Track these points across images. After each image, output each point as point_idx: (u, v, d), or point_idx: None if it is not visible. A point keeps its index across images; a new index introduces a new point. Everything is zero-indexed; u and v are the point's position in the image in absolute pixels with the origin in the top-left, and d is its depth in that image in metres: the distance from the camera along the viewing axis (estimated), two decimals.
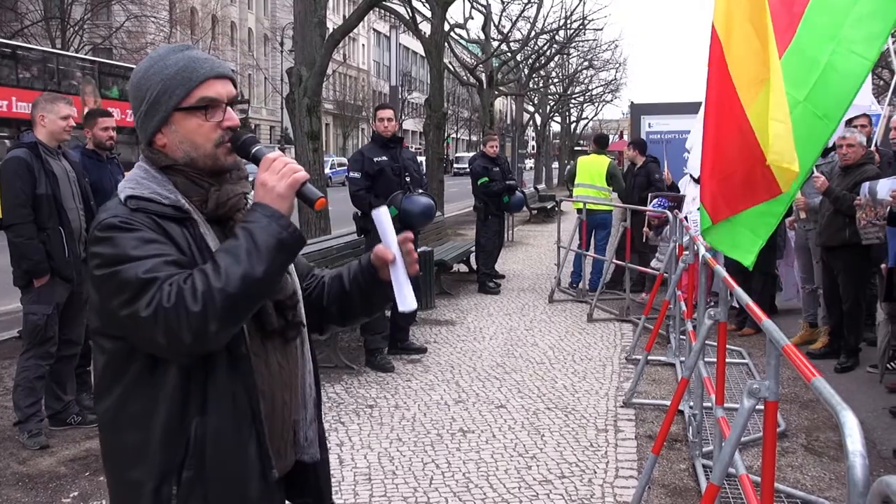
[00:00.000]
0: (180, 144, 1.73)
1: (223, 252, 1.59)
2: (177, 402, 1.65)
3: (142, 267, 1.56)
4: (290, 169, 1.67)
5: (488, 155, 10.28)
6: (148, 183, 1.71)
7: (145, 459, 1.66)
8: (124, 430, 1.68)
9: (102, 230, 1.61)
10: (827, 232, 6.33)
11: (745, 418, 2.66)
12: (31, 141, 4.66)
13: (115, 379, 1.68)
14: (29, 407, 4.68)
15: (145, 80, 1.72)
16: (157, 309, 1.52)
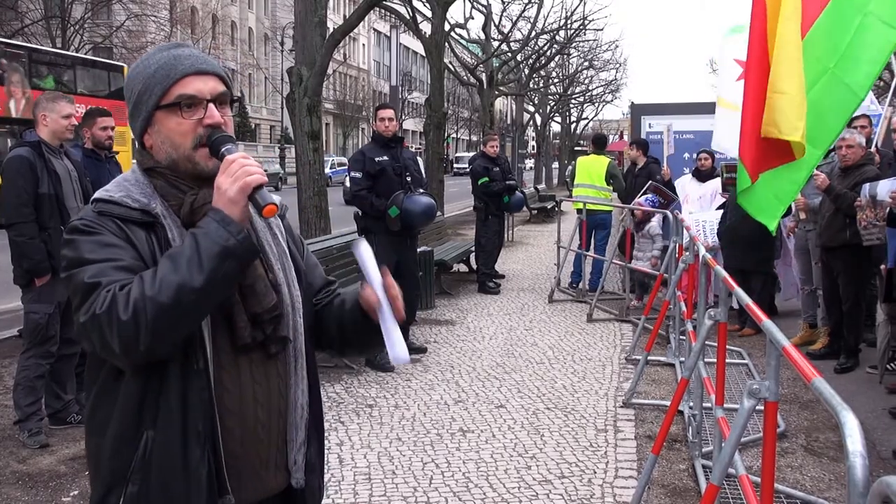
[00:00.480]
0: (162, 145, 1.68)
1: (165, 258, 1.53)
2: (130, 412, 1.58)
3: (89, 271, 1.52)
4: (245, 171, 1.57)
5: (488, 155, 10.28)
6: (126, 185, 1.67)
7: (98, 469, 1.64)
8: (93, 437, 1.66)
9: (68, 233, 1.61)
10: (827, 233, 6.33)
11: (745, 419, 2.66)
12: (34, 140, 4.66)
13: (90, 385, 1.67)
14: (29, 406, 4.68)
15: (131, 80, 1.70)
16: (92, 315, 1.48)
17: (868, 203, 5.68)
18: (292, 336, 1.75)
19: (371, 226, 6.60)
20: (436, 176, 14.53)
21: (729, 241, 7.53)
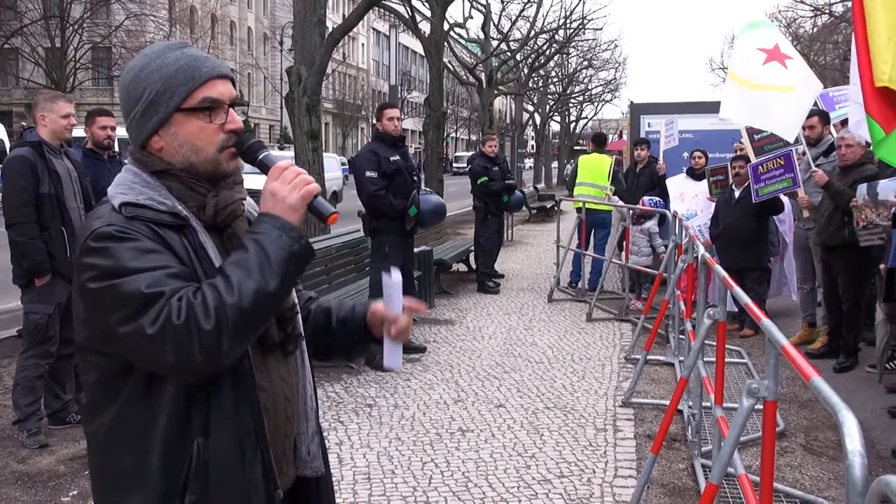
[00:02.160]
0: (179, 148, 1.62)
1: (234, 265, 1.51)
2: (177, 421, 1.54)
3: (144, 280, 1.46)
4: (303, 180, 1.60)
5: (487, 154, 10.28)
6: (141, 188, 1.61)
7: (143, 484, 1.55)
8: (119, 453, 1.57)
9: (96, 240, 1.50)
10: (826, 231, 6.33)
11: (744, 418, 2.66)
12: (34, 140, 4.65)
13: (108, 397, 1.57)
14: (28, 406, 4.68)
15: (142, 78, 1.61)
16: (166, 326, 1.43)
17: (867, 203, 5.66)
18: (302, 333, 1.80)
19: (385, 226, 6.48)
20: (435, 175, 14.53)
21: (726, 241, 7.53)
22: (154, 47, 1.67)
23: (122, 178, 1.66)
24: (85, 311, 1.55)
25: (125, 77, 1.65)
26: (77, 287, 1.55)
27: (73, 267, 1.57)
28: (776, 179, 6.89)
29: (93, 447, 1.64)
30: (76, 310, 1.59)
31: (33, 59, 30.52)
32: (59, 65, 29.20)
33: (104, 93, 42.43)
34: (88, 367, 1.59)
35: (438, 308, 8.93)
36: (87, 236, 1.53)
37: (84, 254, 1.51)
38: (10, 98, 38.86)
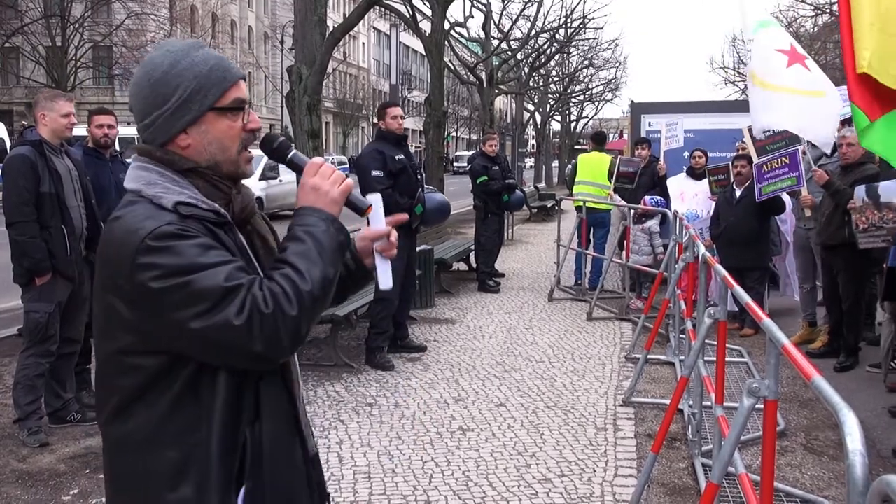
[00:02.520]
0: (208, 146, 1.65)
1: (297, 256, 1.58)
2: (229, 412, 1.58)
3: (219, 275, 1.50)
4: (340, 176, 1.69)
5: (487, 154, 10.28)
6: (179, 187, 1.61)
7: (193, 476, 1.57)
8: (165, 449, 1.57)
9: (157, 239, 1.50)
10: (826, 230, 6.33)
11: (745, 417, 2.66)
12: (35, 139, 4.65)
13: (154, 397, 1.57)
14: (29, 405, 4.68)
15: (173, 76, 1.62)
16: (253, 315, 1.48)
17: (868, 205, 5.62)
18: None
19: None
20: (436, 174, 14.52)
21: (727, 240, 7.53)
22: (174, 45, 1.68)
23: (147, 177, 1.63)
24: (136, 314, 1.53)
25: (151, 74, 1.64)
26: (130, 289, 1.52)
27: (116, 269, 1.54)
28: (780, 178, 6.87)
29: (126, 446, 1.62)
30: (113, 314, 1.56)
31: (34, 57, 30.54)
32: (59, 64, 29.21)
33: (105, 92, 42.46)
34: (127, 370, 1.58)
35: (439, 307, 8.93)
36: (143, 236, 1.50)
37: (142, 254, 1.49)
38: (11, 97, 38.88)
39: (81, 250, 4.81)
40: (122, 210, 1.60)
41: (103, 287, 1.59)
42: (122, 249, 1.52)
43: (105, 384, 1.63)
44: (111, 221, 1.60)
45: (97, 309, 1.64)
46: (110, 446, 1.65)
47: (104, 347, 1.62)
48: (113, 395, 1.61)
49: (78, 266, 4.77)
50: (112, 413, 1.62)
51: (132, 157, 1.73)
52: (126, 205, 1.62)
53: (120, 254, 1.52)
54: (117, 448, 1.63)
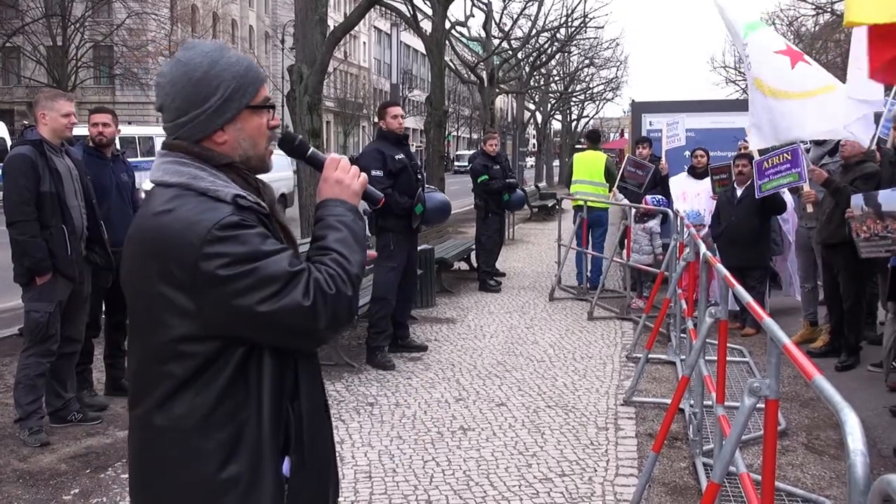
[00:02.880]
0: (242, 142, 1.77)
1: (338, 243, 1.73)
2: (274, 391, 1.70)
3: (283, 261, 1.62)
4: (356, 170, 1.85)
5: (488, 153, 10.29)
6: (225, 181, 1.71)
7: (244, 453, 1.67)
8: (217, 430, 1.66)
9: (223, 229, 1.60)
10: (826, 229, 6.32)
11: (746, 417, 2.66)
12: (35, 138, 4.65)
13: (206, 381, 1.65)
14: (30, 404, 4.68)
15: (213, 75, 1.71)
16: (317, 297, 1.62)
17: (868, 214, 5.56)
18: None
19: (391, 225, 6.45)
20: (437, 174, 14.51)
21: (728, 240, 7.52)
22: (206, 46, 1.77)
23: (189, 171, 1.70)
24: (198, 301, 1.61)
25: (191, 74, 1.71)
26: (192, 278, 1.60)
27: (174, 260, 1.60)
28: (781, 174, 6.85)
29: (176, 431, 1.67)
30: (165, 304, 1.63)
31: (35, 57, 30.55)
32: (60, 63, 29.22)
33: (106, 91, 42.48)
34: (180, 357, 1.65)
35: (440, 306, 8.93)
36: (209, 227, 1.59)
37: (209, 244, 1.58)
38: (12, 96, 38.90)
39: (82, 250, 4.81)
40: (171, 203, 1.66)
41: (151, 279, 1.64)
42: (182, 240, 1.60)
43: (151, 373, 1.69)
44: (159, 215, 1.65)
45: (139, 301, 1.70)
46: (156, 432, 1.69)
47: (153, 337, 1.67)
48: (161, 382, 1.67)
49: (79, 265, 4.77)
50: (161, 400, 1.68)
51: (159, 152, 1.79)
52: (173, 198, 1.67)
53: (181, 245, 1.60)
54: (166, 433, 1.68)
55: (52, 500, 3.99)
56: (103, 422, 5.07)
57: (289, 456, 1.72)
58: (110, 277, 5.10)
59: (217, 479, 1.66)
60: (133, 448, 1.79)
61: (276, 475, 1.70)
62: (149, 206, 1.72)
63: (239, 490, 1.66)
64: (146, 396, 1.71)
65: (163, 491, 1.71)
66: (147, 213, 1.71)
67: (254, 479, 1.68)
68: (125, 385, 5.60)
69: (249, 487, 1.67)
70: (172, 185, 1.69)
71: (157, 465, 1.71)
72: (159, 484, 1.72)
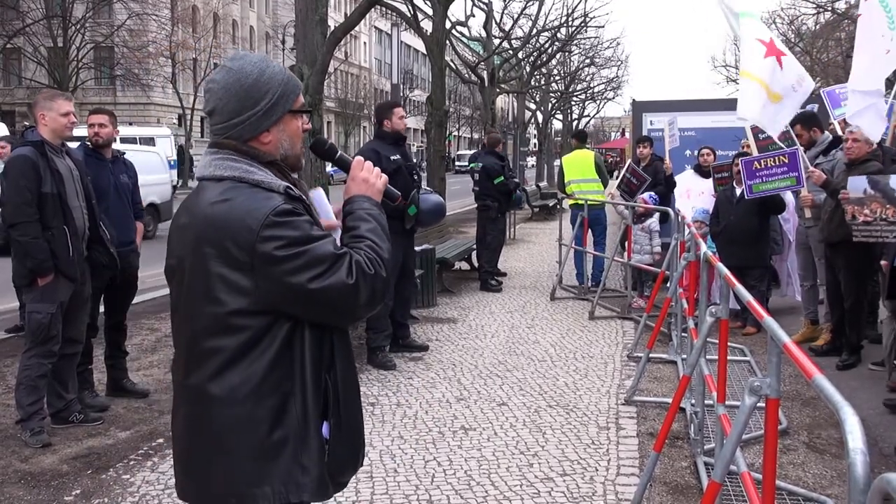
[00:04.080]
0: (283, 142, 1.99)
1: (370, 232, 1.97)
2: (315, 361, 1.90)
3: (329, 244, 1.85)
4: (378, 171, 2.12)
5: (499, 153, 10.42)
6: (272, 177, 1.91)
7: (292, 417, 1.88)
8: (266, 398, 1.86)
9: (279, 215, 1.81)
10: (828, 228, 6.32)
11: (747, 416, 2.66)
12: (36, 139, 4.64)
13: (258, 353, 1.85)
14: (31, 405, 4.68)
15: (263, 82, 1.93)
16: (359, 275, 1.84)
17: (872, 197, 5.54)
18: None
19: None
20: (437, 174, 14.51)
21: (728, 239, 7.52)
22: (253, 56, 2.00)
23: (241, 167, 1.90)
24: (254, 279, 1.81)
25: (243, 81, 1.92)
26: (249, 258, 1.80)
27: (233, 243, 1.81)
28: (777, 177, 6.86)
29: (231, 399, 1.86)
30: (221, 282, 1.83)
31: (36, 58, 30.60)
32: (61, 64, 29.26)
33: (106, 92, 42.50)
34: (233, 330, 1.85)
35: (441, 306, 8.93)
36: (267, 213, 1.81)
37: (267, 228, 1.80)
38: (13, 98, 38.95)
39: (83, 250, 4.81)
40: (228, 194, 1.87)
41: (206, 261, 1.84)
42: (242, 225, 1.81)
43: (203, 346, 1.89)
44: (216, 204, 1.86)
45: (193, 282, 1.88)
46: (211, 400, 1.88)
47: (205, 314, 1.87)
48: (214, 354, 1.87)
49: (80, 266, 4.77)
50: (215, 371, 1.87)
51: (208, 150, 1.99)
52: (228, 189, 1.88)
53: (240, 229, 1.81)
54: (222, 402, 1.87)
55: (54, 501, 4.00)
56: (104, 422, 5.07)
57: (327, 421, 1.93)
58: (108, 277, 5.10)
59: (269, 441, 1.86)
60: (182, 417, 1.96)
61: (318, 437, 1.91)
62: (202, 198, 1.91)
63: (288, 451, 1.87)
64: (198, 368, 1.90)
65: (216, 456, 1.89)
66: (201, 203, 1.90)
67: (300, 441, 1.88)
68: (126, 386, 5.62)
69: (297, 449, 1.88)
70: (225, 179, 1.90)
71: (212, 432, 1.89)
72: (213, 449, 1.90)
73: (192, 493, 1.98)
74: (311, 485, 1.90)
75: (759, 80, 6.53)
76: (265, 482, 1.86)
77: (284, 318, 1.86)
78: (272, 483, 1.86)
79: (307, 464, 1.89)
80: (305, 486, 1.89)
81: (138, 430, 4.99)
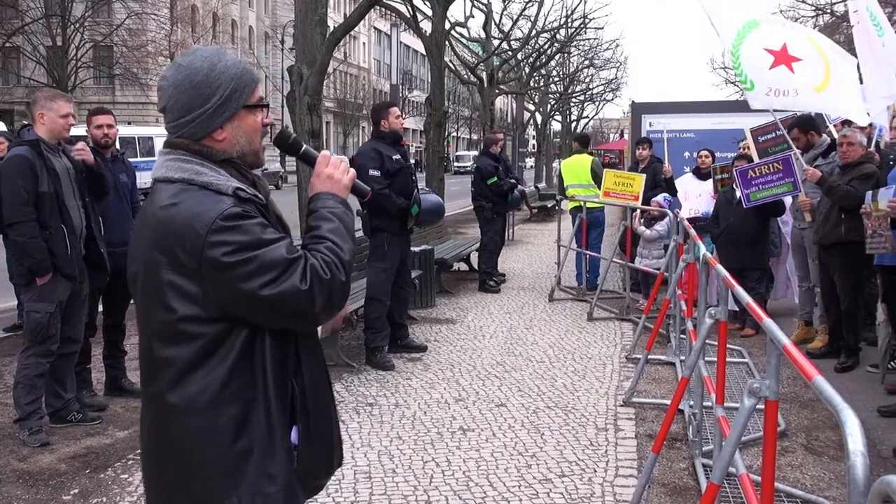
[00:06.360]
0: (239, 139, 1.90)
1: (331, 233, 1.87)
2: (278, 367, 1.83)
3: (282, 248, 1.75)
4: (346, 165, 2.00)
5: (493, 154, 10.36)
6: (227, 176, 1.82)
7: (256, 425, 1.80)
8: (227, 407, 1.78)
9: (227, 219, 1.73)
10: (823, 229, 6.32)
11: (746, 417, 2.66)
12: (32, 139, 4.64)
13: (216, 362, 1.78)
14: (29, 404, 4.68)
15: (214, 77, 1.84)
16: (314, 280, 1.75)
17: (871, 211, 5.57)
18: None
19: (385, 225, 6.43)
20: (436, 174, 14.52)
21: (728, 241, 7.52)
22: (205, 51, 1.90)
23: (192, 168, 1.82)
24: (204, 286, 1.73)
25: (192, 77, 1.84)
26: (198, 265, 1.72)
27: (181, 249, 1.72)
28: (772, 184, 6.87)
29: (191, 410, 1.79)
30: (171, 290, 1.76)
31: (34, 57, 30.56)
32: (60, 63, 29.23)
33: (105, 91, 42.47)
34: (185, 338, 1.77)
35: (439, 307, 8.93)
36: (214, 217, 1.72)
37: (214, 233, 1.71)
38: (12, 97, 38.90)
39: (82, 249, 4.81)
40: (177, 197, 1.78)
41: (158, 268, 1.77)
42: (189, 230, 1.72)
43: (160, 355, 1.82)
44: (165, 208, 1.78)
45: (147, 289, 1.81)
46: (170, 411, 1.81)
47: (159, 321, 1.80)
48: (171, 363, 1.80)
49: (78, 265, 4.76)
50: (173, 380, 1.80)
51: (161, 150, 1.91)
52: (178, 192, 1.79)
53: (187, 234, 1.72)
54: (181, 412, 1.80)
55: (52, 501, 3.99)
56: (103, 422, 5.07)
57: (296, 426, 1.87)
58: (105, 277, 5.09)
59: (232, 451, 1.79)
60: (146, 424, 1.91)
61: (285, 445, 1.85)
62: (154, 201, 1.83)
63: (253, 461, 1.80)
64: (156, 377, 1.83)
65: (179, 467, 1.82)
66: (153, 207, 1.82)
67: (266, 450, 1.81)
68: (125, 385, 5.61)
69: (263, 458, 1.81)
70: (176, 181, 1.81)
71: (174, 443, 1.82)
72: (176, 460, 1.83)
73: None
74: (278, 494, 1.83)
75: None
76: (230, 493, 1.80)
77: (241, 324, 1.78)
78: (238, 494, 1.80)
79: (274, 472, 1.83)
80: (273, 496, 1.82)
81: (136, 430, 4.98)
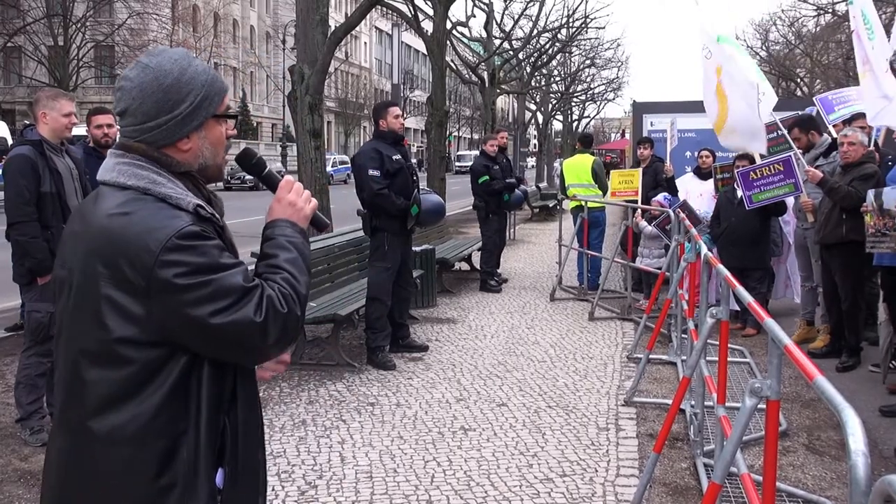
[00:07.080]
0: (203, 151, 1.76)
1: (289, 263, 1.75)
2: (213, 401, 1.67)
3: (238, 275, 1.62)
4: (308, 194, 1.88)
5: (488, 153, 10.30)
6: (185, 191, 1.68)
7: (182, 462, 1.63)
8: (155, 439, 1.62)
9: (184, 238, 1.58)
10: (824, 229, 6.31)
11: (747, 417, 2.66)
12: (35, 138, 4.63)
13: (150, 390, 1.61)
14: (31, 404, 4.68)
15: (184, 83, 1.70)
16: (270, 313, 1.62)
17: (874, 210, 5.57)
18: None
19: (385, 225, 6.42)
20: (437, 174, 14.52)
21: (729, 241, 7.51)
22: (175, 53, 1.75)
23: (148, 176, 1.67)
24: (148, 307, 1.58)
25: (161, 80, 1.69)
26: (146, 283, 1.57)
27: (128, 264, 1.57)
28: (774, 185, 6.88)
29: (115, 439, 1.62)
30: (110, 306, 1.60)
31: (36, 57, 30.60)
32: (61, 63, 29.27)
33: (107, 91, 42.50)
34: (118, 361, 1.60)
35: (441, 307, 8.93)
36: (170, 234, 1.58)
37: (168, 251, 1.57)
38: (14, 96, 38.97)
39: None
40: (128, 206, 1.63)
41: (96, 279, 1.60)
42: (140, 245, 1.57)
43: (86, 376, 1.63)
44: (114, 217, 1.62)
45: (77, 300, 1.65)
46: (91, 438, 1.63)
47: (89, 339, 1.62)
48: (97, 387, 1.62)
49: None
50: (98, 406, 1.62)
51: (113, 152, 1.74)
52: (130, 201, 1.64)
53: (138, 249, 1.57)
54: (103, 441, 1.62)
55: None
56: None
57: (222, 467, 1.71)
58: None
59: (154, 487, 1.62)
60: (56, 452, 1.70)
61: (209, 485, 1.67)
62: (100, 206, 1.67)
63: (173, 498, 1.63)
64: (79, 400, 1.65)
65: (92, 498, 1.66)
66: (98, 212, 1.66)
67: (188, 488, 1.64)
68: None
69: (184, 496, 1.64)
70: (129, 188, 1.66)
71: (89, 472, 1.65)
72: (88, 491, 1.66)
73: None
74: None
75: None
76: None
77: (181, 351, 1.62)
78: None
79: None
80: None
81: None
